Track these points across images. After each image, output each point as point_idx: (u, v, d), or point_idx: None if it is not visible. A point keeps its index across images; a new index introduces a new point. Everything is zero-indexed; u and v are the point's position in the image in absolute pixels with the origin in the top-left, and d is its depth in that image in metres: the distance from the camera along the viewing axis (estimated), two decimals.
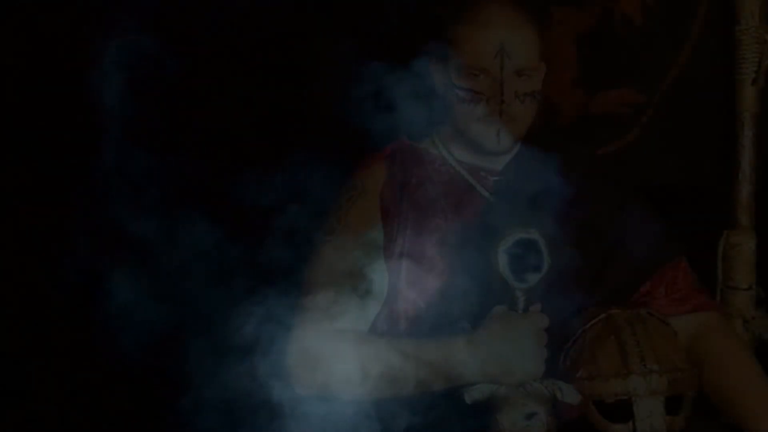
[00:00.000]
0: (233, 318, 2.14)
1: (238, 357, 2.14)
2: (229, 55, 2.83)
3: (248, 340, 2.13)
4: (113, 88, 2.32)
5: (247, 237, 2.30)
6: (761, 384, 2.24)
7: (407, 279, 2.26)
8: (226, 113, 2.83)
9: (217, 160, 2.75)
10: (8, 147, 2.82)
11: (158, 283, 2.34)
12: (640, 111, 2.90)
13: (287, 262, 2.24)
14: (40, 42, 2.77)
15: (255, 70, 2.87)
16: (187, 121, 2.74)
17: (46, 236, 2.80)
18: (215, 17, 2.75)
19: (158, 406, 2.54)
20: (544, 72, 2.30)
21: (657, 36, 2.88)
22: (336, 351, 2.13)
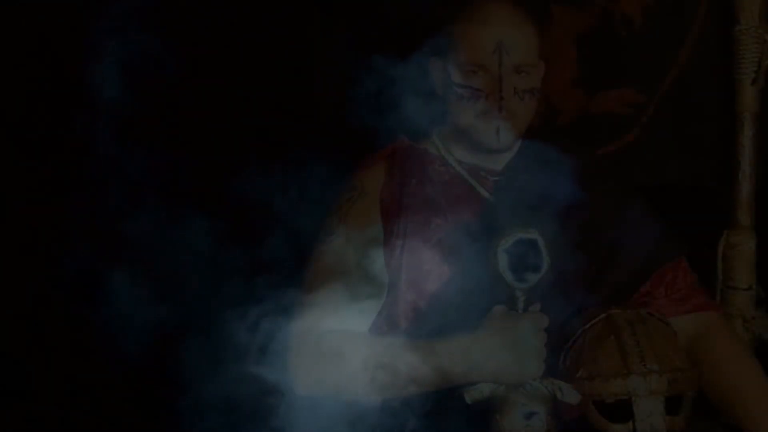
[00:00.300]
0: (233, 318, 2.14)
1: (238, 357, 2.14)
2: (229, 55, 2.83)
3: (248, 340, 2.13)
4: (113, 87, 2.32)
5: (247, 237, 2.30)
6: (761, 384, 2.24)
7: (407, 279, 2.26)
8: (226, 113, 2.83)
9: (217, 159, 2.75)
10: (8, 147, 2.81)
11: (158, 284, 2.34)
12: (640, 111, 2.90)
13: (287, 261, 2.24)
14: (40, 41, 2.77)
15: (255, 70, 2.87)
16: (186, 120, 2.74)
17: (46, 236, 2.80)
18: (215, 17, 2.75)
19: (158, 406, 2.54)
20: (544, 70, 2.30)
21: (657, 36, 2.87)
22: (336, 351, 2.13)
